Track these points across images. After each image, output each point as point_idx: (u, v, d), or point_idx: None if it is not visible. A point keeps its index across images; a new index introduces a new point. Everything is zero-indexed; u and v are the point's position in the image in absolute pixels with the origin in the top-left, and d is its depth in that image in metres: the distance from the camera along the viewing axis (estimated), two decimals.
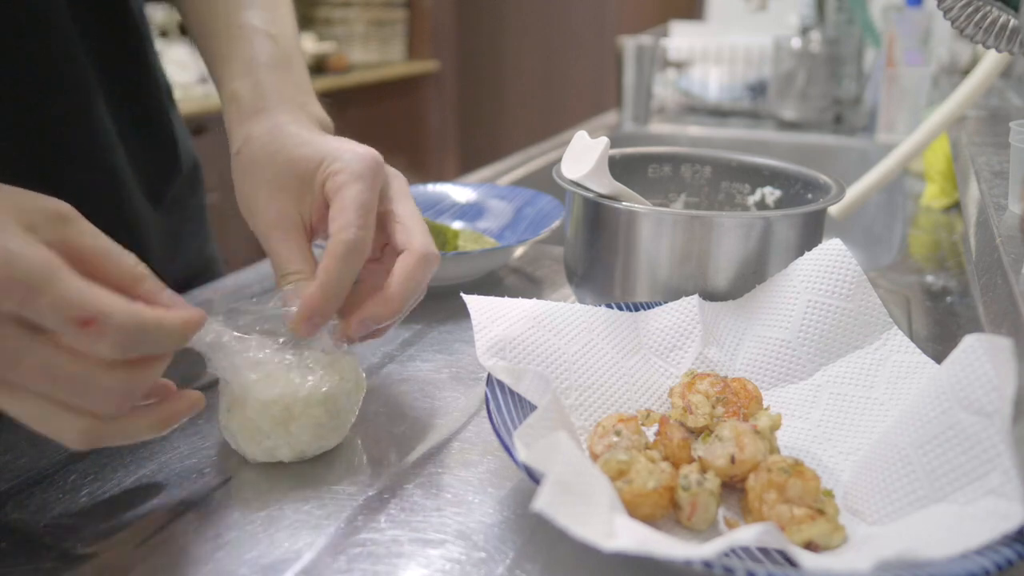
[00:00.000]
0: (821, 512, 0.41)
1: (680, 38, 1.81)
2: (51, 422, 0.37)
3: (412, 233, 0.49)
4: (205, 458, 0.49)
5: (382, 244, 0.52)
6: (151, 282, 0.39)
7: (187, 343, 0.40)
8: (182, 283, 0.78)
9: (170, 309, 0.39)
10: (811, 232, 0.61)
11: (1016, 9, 0.54)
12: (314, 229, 0.52)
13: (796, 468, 0.42)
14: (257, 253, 0.58)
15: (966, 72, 1.51)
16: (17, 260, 0.34)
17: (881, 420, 0.50)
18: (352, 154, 0.49)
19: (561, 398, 0.51)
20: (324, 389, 0.48)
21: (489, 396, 0.47)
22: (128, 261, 0.39)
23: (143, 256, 0.71)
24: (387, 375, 0.60)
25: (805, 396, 0.53)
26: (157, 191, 0.75)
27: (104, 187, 0.68)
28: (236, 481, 0.47)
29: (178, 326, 0.38)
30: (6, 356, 0.35)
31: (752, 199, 0.72)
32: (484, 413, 0.55)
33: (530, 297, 0.56)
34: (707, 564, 0.34)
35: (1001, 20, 0.55)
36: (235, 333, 0.47)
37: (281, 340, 0.48)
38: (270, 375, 0.47)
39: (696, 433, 0.48)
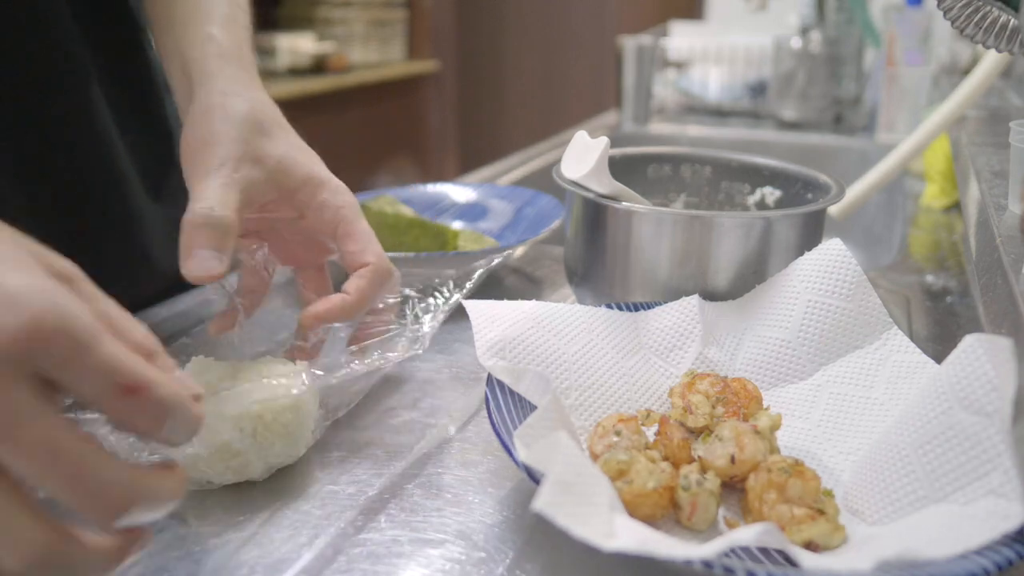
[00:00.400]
0: (821, 512, 0.41)
1: (680, 38, 1.81)
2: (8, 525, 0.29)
3: (368, 248, 0.52)
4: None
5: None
6: (164, 358, 0.35)
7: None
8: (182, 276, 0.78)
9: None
10: (811, 232, 0.61)
11: (1016, 9, 0.54)
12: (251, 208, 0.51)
13: (796, 468, 0.42)
14: None
15: (966, 72, 1.50)
16: (67, 310, 0.29)
17: (881, 420, 0.50)
18: (345, 188, 0.53)
19: (561, 398, 0.51)
20: (294, 392, 0.46)
21: (489, 396, 0.47)
22: (138, 332, 0.34)
23: (144, 250, 0.71)
24: (387, 375, 0.60)
25: (805, 396, 0.53)
26: (156, 184, 0.75)
27: (105, 181, 0.68)
28: (229, 486, 0.47)
29: (198, 416, 0.33)
30: (4, 420, 0.28)
31: (752, 199, 0.72)
32: (484, 413, 0.55)
33: (530, 297, 0.56)
34: (707, 564, 0.34)
35: (1001, 20, 0.55)
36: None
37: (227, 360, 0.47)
38: (231, 391, 0.45)
39: (696, 433, 0.48)
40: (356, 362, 0.51)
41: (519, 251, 0.86)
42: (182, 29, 0.56)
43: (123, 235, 0.69)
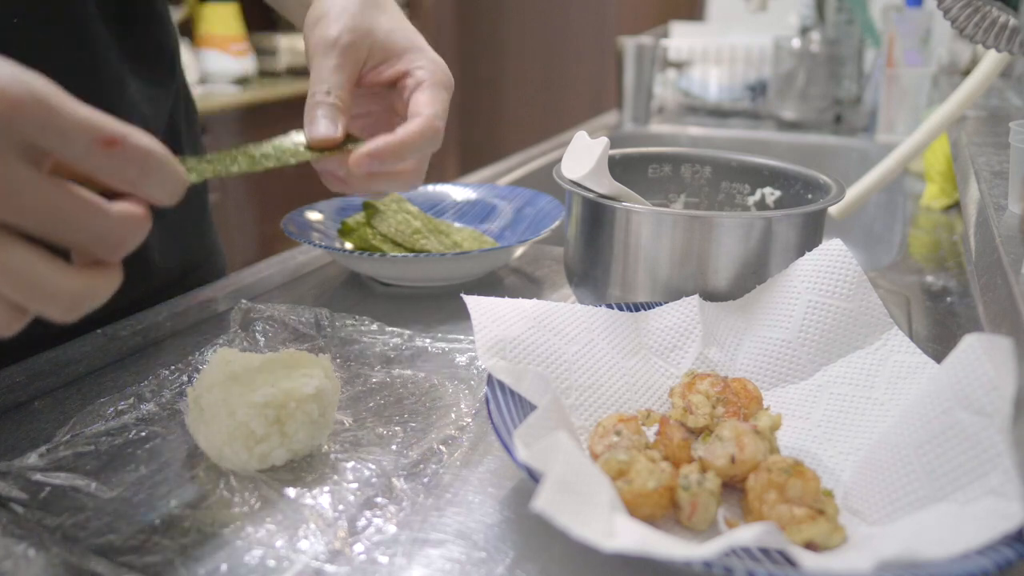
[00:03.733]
0: (821, 512, 0.41)
1: (680, 38, 1.81)
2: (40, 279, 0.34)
3: (433, 104, 0.54)
4: (194, 465, 0.49)
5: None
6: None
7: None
8: (183, 272, 0.78)
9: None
10: (811, 232, 0.61)
11: (1016, 9, 0.54)
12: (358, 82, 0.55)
13: (796, 468, 0.42)
14: (257, 253, 0.58)
15: (966, 72, 1.51)
16: (37, 83, 0.32)
17: (881, 420, 0.50)
18: (441, 62, 0.56)
19: (561, 398, 0.51)
20: (316, 383, 0.48)
21: (489, 396, 0.47)
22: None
23: (144, 251, 0.71)
24: (387, 375, 0.60)
25: (805, 396, 0.53)
26: None
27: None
28: (233, 483, 0.47)
29: (175, 171, 0.36)
30: (5, 188, 0.32)
31: (752, 199, 0.72)
32: (484, 413, 0.55)
33: (530, 297, 0.56)
34: (707, 564, 0.34)
35: (1001, 20, 0.55)
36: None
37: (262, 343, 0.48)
38: (257, 378, 0.47)
39: (696, 433, 0.48)
40: None
41: (519, 251, 0.86)
42: None
43: None
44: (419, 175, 0.55)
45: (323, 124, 0.51)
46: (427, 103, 0.53)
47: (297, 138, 0.52)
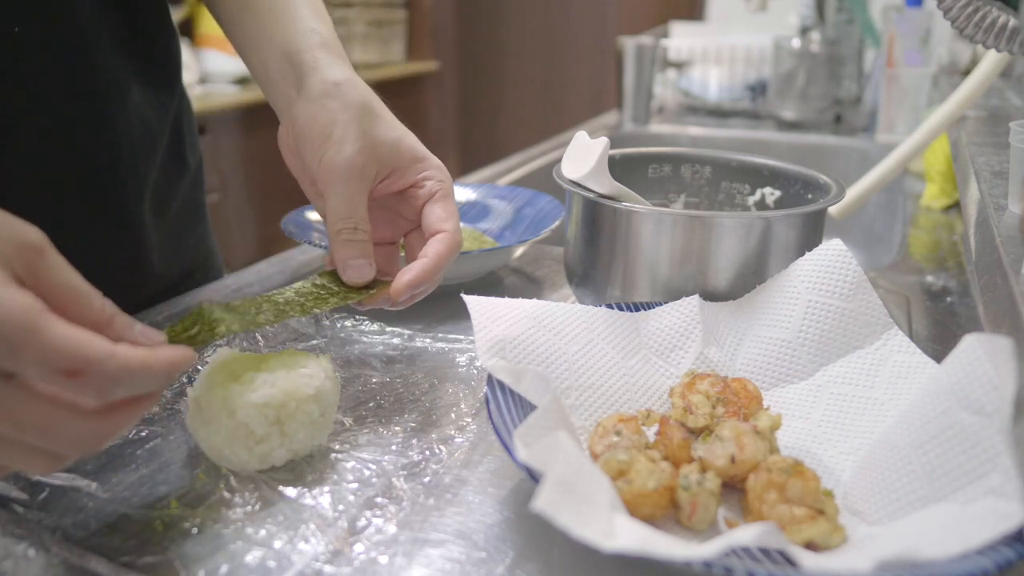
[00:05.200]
0: (821, 512, 0.41)
1: (680, 38, 1.81)
2: (14, 460, 0.37)
3: (450, 218, 0.56)
4: (194, 465, 0.49)
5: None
6: (120, 319, 0.38)
7: (169, 383, 0.39)
8: (182, 276, 0.79)
9: (154, 349, 0.37)
10: (811, 232, 0.61)
11: (1016, 9, 0.54)
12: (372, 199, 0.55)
13: (796, 468, 0.42)
14: (257, 253, 0.58)
15: (966, 72, 1.50)
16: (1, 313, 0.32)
17: (881, 420, 0.50)
18: (442, 166, 0.57)
19: (561, 398, 0.51)
20: (316, 383, 0.48)
21: (489, 396, 0.47)
22: (96, 303, 0.37)
23: (145, 254, 0.71)
24: (388, 375, 0.60)
25: (805, 396, 0.53)
26: (162, 201, 0.75)
27: (115, 192, 0.68)
28: (233, 483, 0.47)
29: (164, 367, 0.37)
30: None
31: (752, 199, 0.72)
32: (484, 413, 0.55)
33: (530, 297, 0.56)
34: (707, 564, 0.34)
35: (1001, 20, 0.55)
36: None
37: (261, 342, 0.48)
38: (257, 378, 0.47)
39: (696, 433, 0.48)
40: None
41: (519, 251, 0.86)
42: (276, 22, 0.58)
43: (125, 241, 0.69)
44: (437, 282, 0.55)
45: (362, 268, 0.52)
46: (445, 217, 0.55)
47: (320, 281, 0.53)
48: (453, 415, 0.55)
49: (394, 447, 0.51)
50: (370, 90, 0.56)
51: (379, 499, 0.46)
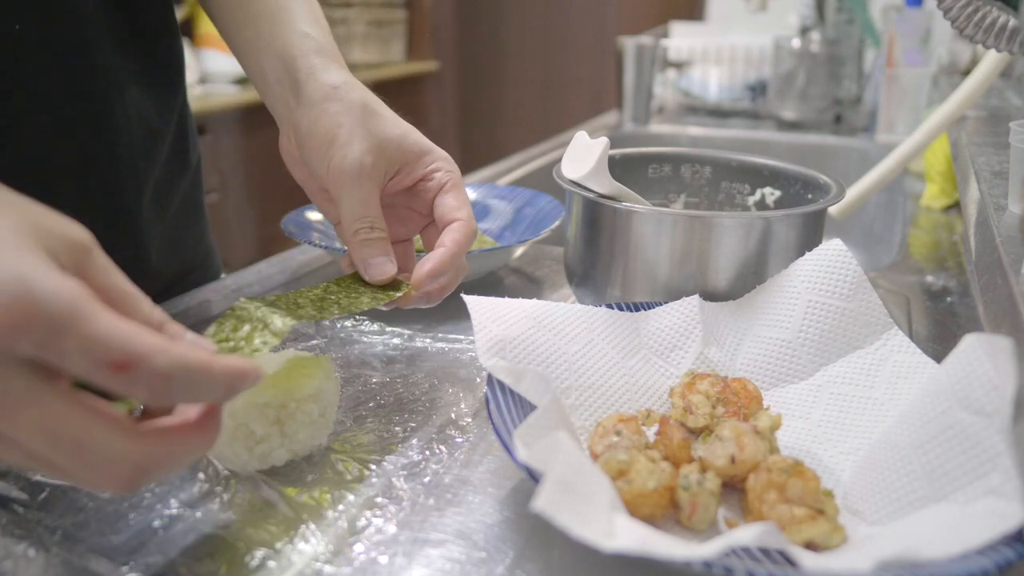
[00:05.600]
0: (821, 512, 0.41)
1: (680, 38, 1.81)
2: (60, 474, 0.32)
3: (463, 207, 0.56)
4: (195, 465, 0.49)
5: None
6: (170, 326, 0.36)
7: (231, 397, 0.35)
8: (181, 274, 0.79)
9: (216, 356, 0.34)
10: (811, 232, 0.61)
11: (1016, 9, 0.54)
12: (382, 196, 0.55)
13: (796, 468, 0.42)
14: (257, 253, 0.58)
15: (966, 72, 1.50)
16: (40, 294, 0.29)
17: (881, 420, 0.50)
18: (449, 157, 0.57)
19: (561, 398, 0.51)
20: (316, 384, 0.48)
21: (489, 396, 0.47)
22: (145, 306, 0.35)
23: (144, 252, 0.71)
24: (388, 375, 0.60)
25: (805, 396, 0.53)
26: (163, 199, 0.75)
27: (116, 189, 0.68)
28: (233, 483, 0.47)
29: (228, 377, 0.33)
30: (4, 404, 0.30)
31: (752, 199, 0.72)
32: (484, 413, 0.55)
33: (530, 297, 0.56)
34: (707, 564, 0.34)
35: (1001, 20, 0.55)
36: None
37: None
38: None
39: (696, 433, 0.48)
40: None
41: (519, 251, 0.86)
42: (271, 27, 0.58)
43: (125, 238, 0.69)
44: (463, 271, 0.56)
45: (382, 265, 0.52)
46: (458, 206, 0.55)
47: (345, 282, 0.53)
48: (453, 415, 0.55)
49: (394, 447, 0.51)
50: (368, 90, 0.56)
51: (379, 499, 0.46)
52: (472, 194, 0.91)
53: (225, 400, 0.34)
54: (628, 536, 0.35)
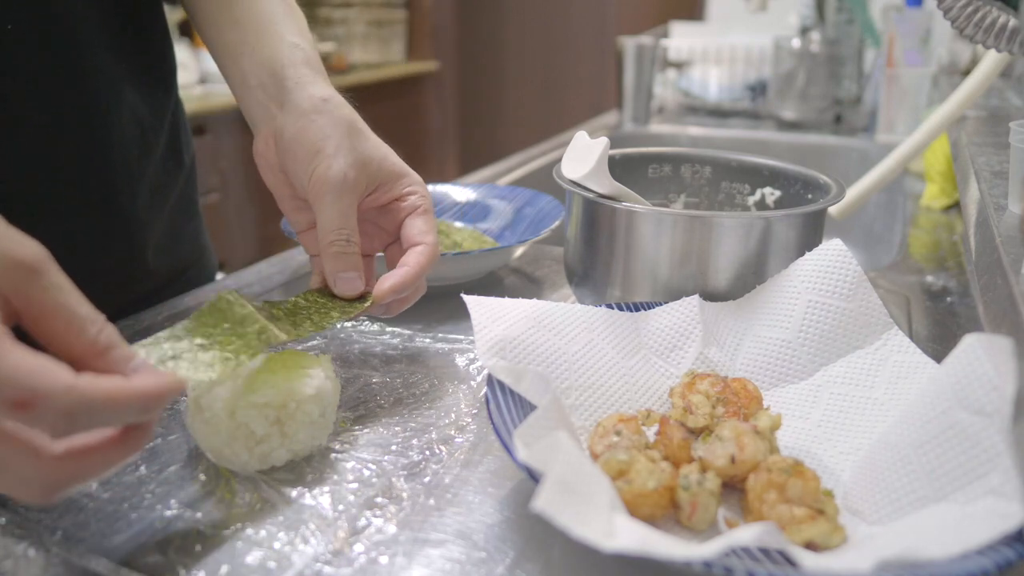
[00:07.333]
0: (821, 512, 0.41)
1: (680, 38, 1.81)
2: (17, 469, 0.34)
3: (430, 231, 0.58)
4: (195, 465, 0.49)
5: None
6: (117, 352, 0.36)
7: (152, 416, 0.36)
8: (176, 273, 0.79)
9: (129, 378, 0.35)
10: (811, 232, 0.61)
11: (1016, 9, 0.54)
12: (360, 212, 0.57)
13: (796, 468, 0.42)
14: (257, 253, 0.58)
15: (966, 72, 1.50)
16: None
17: (881, 420, 0.50)
18: (422, 181, 0.59)
19: (561, 398, 0.51)
20: (316, 384, 0.48)
21: (489, 396, 0.47)
22: (90, 330, 0.35)
23: (137, 247, 0.71)
24: (388, 375, 0.60)
25: (805, 396, 0.53)
26: (161, 196, 0.75)
27: (113, 189, 0.68)
28: (233, 483, 0.47)
29: (142, 401, 0.34)
30: None
31: (752, 199, 0.72)
32: (484, 413, 0.55)
33: (530, 297, 0.56)
34: (707, 564, 0.34)
35: (1001, 20, 0.55)
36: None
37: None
38: (257, 378, 0.47)
39: (696, 433, 0.48)
40: None
41: (519, 251, 0.86)
42: (259, 33, 0.59)
43: (120, 237, 0.69)
44: (421, 290, 0.58)
45: (352, 281, 0.55)
46: (426, 230, 0.57)
47: (312, 297, 0.55)
48: (453, 415, 0.55)
49: (394, 447, 0.51)
50: (349, 105, 0.58)
51: (379, 499, 0.46)
52: (472, 194, 0.91)
53: (146, 419, 0.36)
54: (628, 536, 0.35)
